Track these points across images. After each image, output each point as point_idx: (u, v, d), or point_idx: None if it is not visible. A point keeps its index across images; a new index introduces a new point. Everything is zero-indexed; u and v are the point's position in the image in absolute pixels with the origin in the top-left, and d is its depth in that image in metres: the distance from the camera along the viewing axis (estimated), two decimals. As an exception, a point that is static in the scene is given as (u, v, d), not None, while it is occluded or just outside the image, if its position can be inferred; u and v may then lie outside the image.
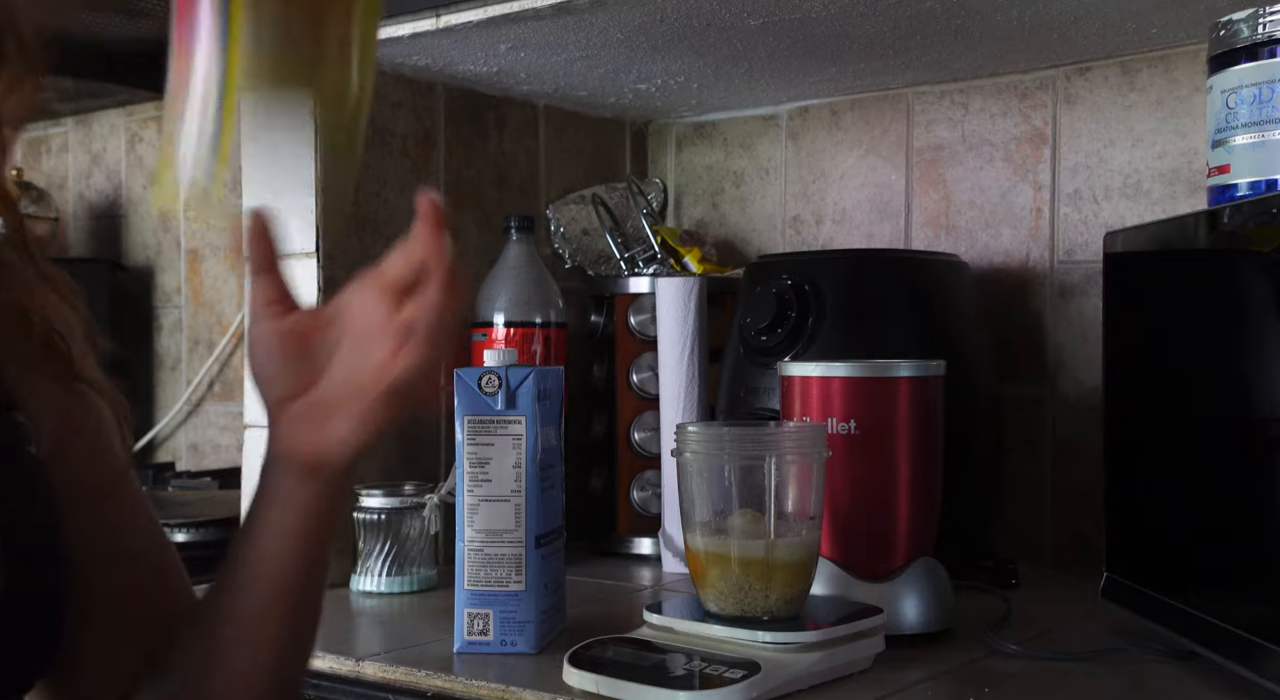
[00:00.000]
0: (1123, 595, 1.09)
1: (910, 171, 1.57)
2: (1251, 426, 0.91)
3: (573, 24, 1.28)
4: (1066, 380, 1.45)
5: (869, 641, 0.98)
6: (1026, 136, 1.49)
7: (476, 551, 1.06)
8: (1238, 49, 1.02)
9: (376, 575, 1.32)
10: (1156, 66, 1.40)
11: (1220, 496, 0.95)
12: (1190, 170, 1.37)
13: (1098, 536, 1.18)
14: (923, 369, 1.10)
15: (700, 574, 1.00)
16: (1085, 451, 1.40)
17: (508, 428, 1.05)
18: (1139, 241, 1.11)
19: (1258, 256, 0.92)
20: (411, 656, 1.04)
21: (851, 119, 1.62)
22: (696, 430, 1.02)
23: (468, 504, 1.06)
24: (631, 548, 1.52)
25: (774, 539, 0.97)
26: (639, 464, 1.52)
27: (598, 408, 1.55)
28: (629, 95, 1.62)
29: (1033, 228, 1.48)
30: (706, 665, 0.92)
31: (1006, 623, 1.14)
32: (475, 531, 1.06)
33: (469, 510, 1.06)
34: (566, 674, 0.94)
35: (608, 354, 1.55)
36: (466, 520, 1.06)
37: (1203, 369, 0.99)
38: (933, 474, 1.11)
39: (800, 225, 1.67)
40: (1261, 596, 0.89)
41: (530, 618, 1.05)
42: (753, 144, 1.71)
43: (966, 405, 1.25)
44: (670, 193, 1.78)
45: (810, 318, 1.30)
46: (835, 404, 1.08)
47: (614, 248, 1.61)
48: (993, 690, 0.94)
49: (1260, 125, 1.00)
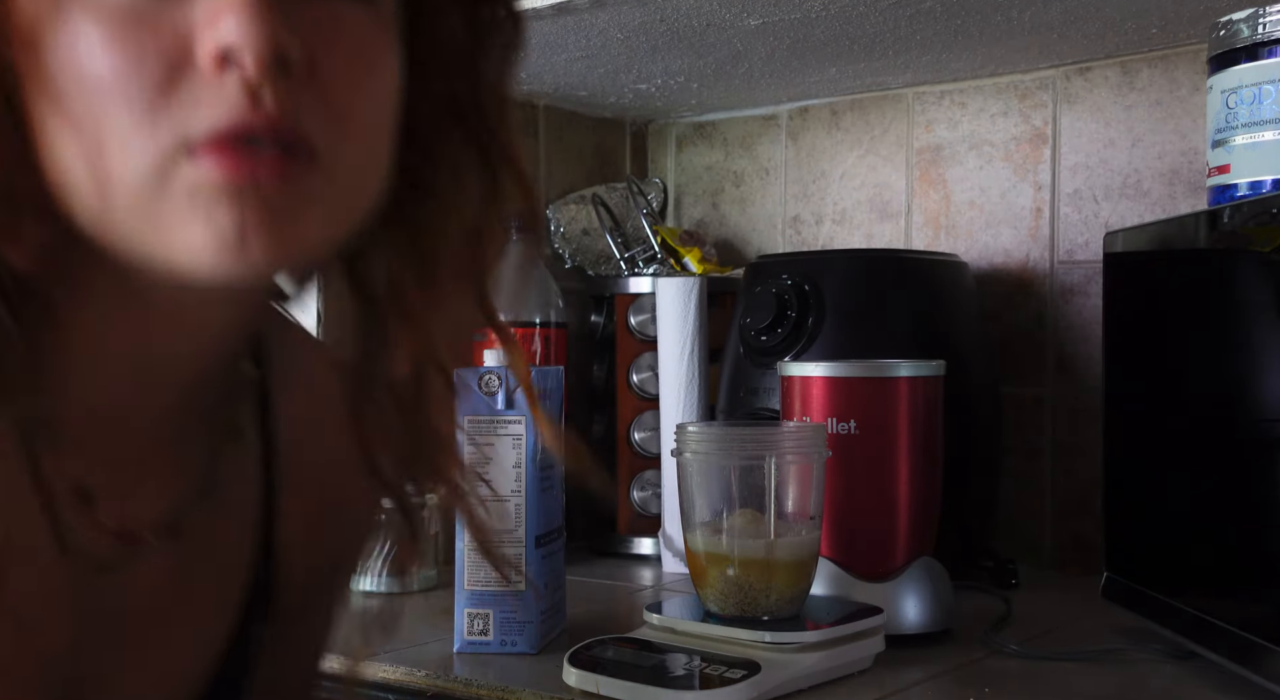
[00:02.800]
0: (1123, 595, 1.09)
1: (910, 171, 1.57)
2: (1251, 426, 0.91)
3: (573, 24, 1.28)
4: (1066, 380, 1.45)
5: (869, 641, 0.98)
6: (1026, 136, 1.49)
7: (476, 551, 1.06)
8: (1238, 49, 1.02)
9: (376, 575, 1.31)
10: (1156, 66, 1.40)
11: (1220, 496, 0.95)
12: (1190, 170, 1.37)
13: (1098, 536, 1.18)
14: (923, 369, 1.10)
15: (700, 574, 1.00)
16: (1085, 451, 1.40)
17: (508, 428, 1.05)
18: (1139, 241, 1.11)
19: (1258, 256, 0.92)
20: (411, 656, 1.03)
21: (851, 119, 1.62)
22: (696, 430, 1.02)
23: (468, 504, 1.06)
24: (631, 548, 1.52)
25: (774, 539, 0.97)
26: (639, 464, 1.52)
27: (598, 408, 1.55)
28: (629, 95, 1.62)
29: (1033, 228, 1.48)
30: (706, 665, 0.92)
31: (1006, 623, 1.14)
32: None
33: (469, 510, 1.06)
34: (566, 674, 0.94)
35: (608, 354, 1.55)
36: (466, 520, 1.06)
37: (1202, 369, 0.99)
38: (933, 474, 1.11)
39: (800, 225, 1.67)
40: (1261, 596, 0.89)
41: (530, 618, 1.05)
42: (753, 144, 1.71)
43: (966, 405, 1.25)
44: (670, 193, 1.78)
45: (810, 318, 1.30)
46: (835, 404, 1.08)
47: (614, 248, 1.61)
48: (993, 690, 0.94)
49: (1260, 125, 1.00)
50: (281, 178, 0.49)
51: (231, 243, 0.48)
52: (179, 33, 0.48)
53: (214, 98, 0.48)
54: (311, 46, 0.49)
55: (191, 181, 0.48)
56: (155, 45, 0.48)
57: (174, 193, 0.48)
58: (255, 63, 0.47)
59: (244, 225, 0.48)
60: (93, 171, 0.49)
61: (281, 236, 0.50)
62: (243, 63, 0.47)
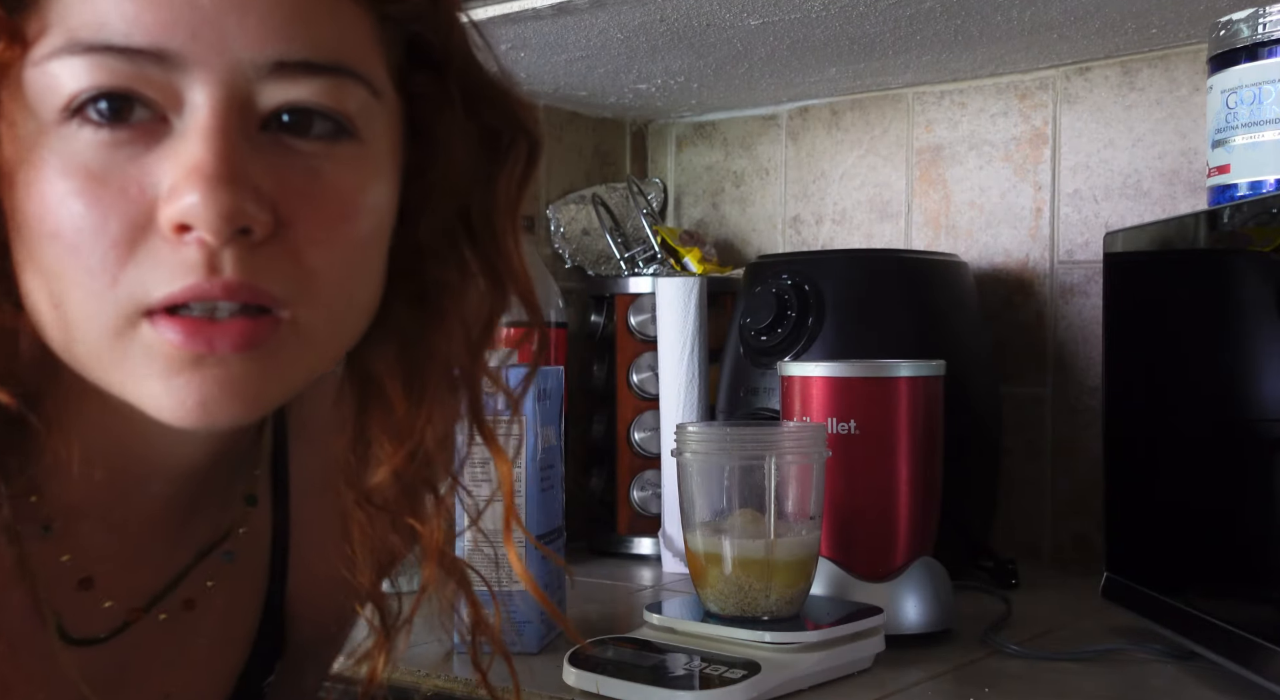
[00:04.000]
0: (1123, 595, 1.09)
1: (910, 171, 1.57)
2: (1251, 426, 0.91)
3: (573, 24, 1.28)
4: (1066, 380, 1.45)
5: (869, 641, 0.98)
6: (1026, 136, 1.49)
7: (476, 551, 1.06)
8: (1238, 49, 1.01)
9: (376, 575, 1.31)
10: (1156, 66, 1.40)
11: (1220, 496, 0.95)
12: (1190, 170, 1.37)
13: (1098, 536, 1.18)
14: (923, 369, 1.10)
15: (700, 574, 1.00)
16: (1085, 451, 1.40)
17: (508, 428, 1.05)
18: (1139, 241, 1.11)
19: (1258, 256, 0.92)
20: (411, 656, 1.03)
21: (851, 119, 1.62)
22: (696, 430, 1.02)
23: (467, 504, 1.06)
24: (631, 548, 1.52)
25: (774, 539, 0.97)
26: (639, 464, 1.52)
27: (598, 408, 1.55)
28: (629, 95, 1.62)
29: (1033, 228, 1.48)
30: (706, 665, 0.92)
31: (1006, 623, 1.14)
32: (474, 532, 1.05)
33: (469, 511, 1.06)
34: (566, 674, 0.94)
35: (608, 354, 1.55)
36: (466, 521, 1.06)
37: (1202, 369, 0.99)
38: (933, 474, 1.11)
39: (800, 225, 1.67)
40: (1261, 596, 0.89)
41: (530, 618, 1.05)
42: (753, 144, 1.71)
43: (966, 405, 1.25)
44: (670, 193, 1.78)
45: (810, 318, 1.30)
46: (835, 404, 1.08)
47: (614, 248, 1.61)
48: (993, 690, 0.94)
49: (1260, 125, 1.00)
50: (241, 345, 0.48)
51: (191, 408, 0.48)
52: (144, 192, 0.47)
53: (172, 262, 0.47)
54: (282, 210, 0.48)
55: (150, 344, 0.48)
56: (119, 204, 0.47)
57: (133, 353, 0.48)
58: (214, 238, 0.46)
59: (203, 393, 0.48)
60: (57, 319, 0.48)
61: (244, 398, 0.49)
62: (203, 236, 0.46)
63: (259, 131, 0.48)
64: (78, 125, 0.47)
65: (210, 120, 0.47)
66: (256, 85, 0.48)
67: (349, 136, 0.50)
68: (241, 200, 0.46)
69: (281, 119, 0.49)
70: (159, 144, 0.47)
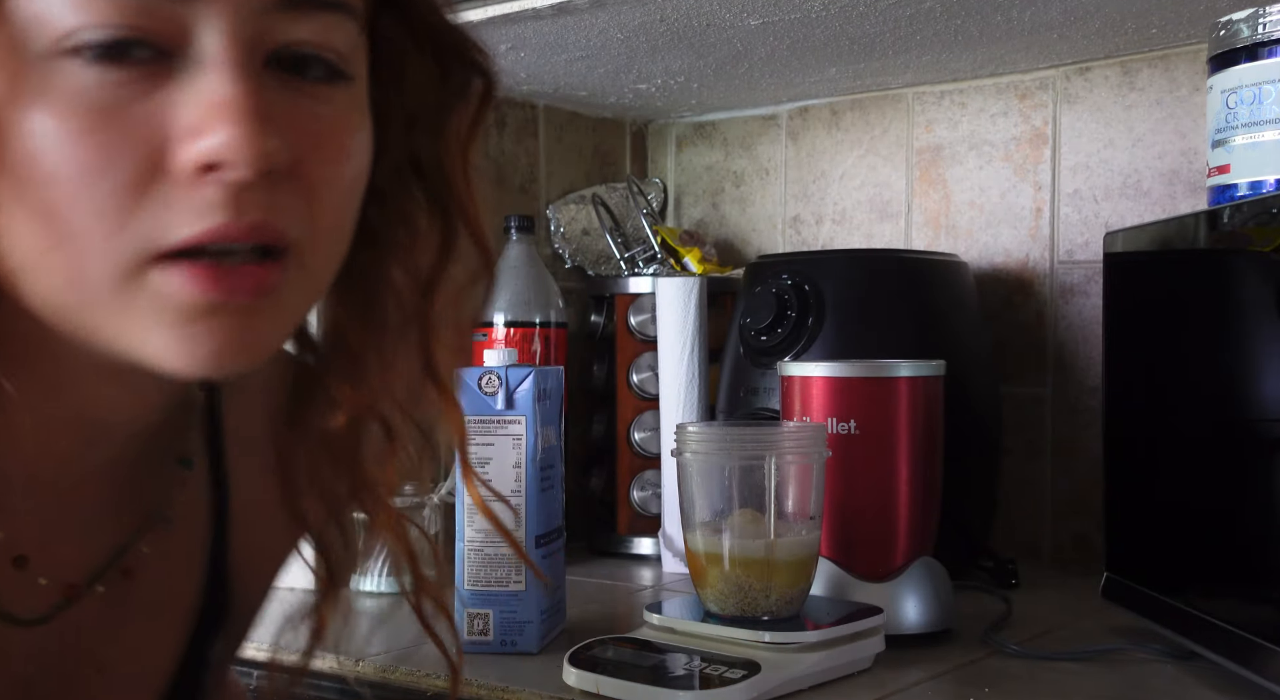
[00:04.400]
0: (1123, 595, 1.09)
1: (910, 171, 1.57)
2: (1251, 426, 0.91)
3: (573, 24, 1.28)
4: (1066, 380, 1.45)
5: (869, 641, 0.98)
6: (1026, 136, 1.49)
7: (476, 551, 1.06)
8: (1238, 49, 1.01)
9: (376, 575, 1.31)
10: (1156, 66, 1.40)
11: (1220, 496, 0.95)
12: (1190, 170, 1.37)
13: (1098, 536, 1.18)
14: (923, 369, 1.10)
15: (700, 574, 1.00)
16: (1085, 451, 1.40)
17: (508, 428, 1.05)
18: (1139, 241, 1.11)
19: (1258, 256, 0.92)
20: (411, 656, 1.03)
21: (851, 119, 1.62)
22: (696, 430, 1.02)
23: (467, 504, 1.06)
24: (631, 548, 1.52)
25: (774, 539, 0.97)
26: (639, 464, 1.52)
27: (598, 408, 1.55)
28: (629, 95, 1.62)
29: (1033, 228, 1.48)
30: (706, 665, 0.92)
31: (1006, 623, 1.14)
32: (475, 531, 1.06)
33: (469, 510, 1.06)
34: (566, 674, 0.94)
35: (608, 354, 1.55)
36: (466, 520, 1.06)
37: (1203, 369, 0.99)
38: (933, 474, 1.11)
39: (800, 225, 1.67)
40: (1261, 596, 0.89)
41: (530, 618, 1.05)
42: (753, 144, 1.71)
43: (966, 405, 1.25)
44: (670, 193, 1.78)
45: (810, 318, 1.30)
46: (835, 404, 1.08)
47: (614, 248, 1.61)
48: (993, 690, 0.94)
49: (1260, 125, 1.00)
50: (257, 292, 0.47)
51: (202, 358, 0.47)
52: (153, 131, 0.45)
53: (189, 205, 0.45)
54: (295, 147, 0.47)
55: (161, 292, 0.46)
56: (126, 145, 0.44)
57: (138, 302, 0.46)
58: (251, 175, 0.44)
59: (216, 342, 0.46)
60: (55, 265, 0.46)
61: (253, 347, 0.48)
62: (234, 175, 0.44)
63: (264, 69, 0.47)
64: (73, 61, 0.44)
65: (231, 54, 0.45)
66: (265, 20, 0.46)
67: (342, 78, 0.50)
68: (271, 137, 0.45)
69: (281, 58, 0.48)
70: (166, 82, 0.45)
